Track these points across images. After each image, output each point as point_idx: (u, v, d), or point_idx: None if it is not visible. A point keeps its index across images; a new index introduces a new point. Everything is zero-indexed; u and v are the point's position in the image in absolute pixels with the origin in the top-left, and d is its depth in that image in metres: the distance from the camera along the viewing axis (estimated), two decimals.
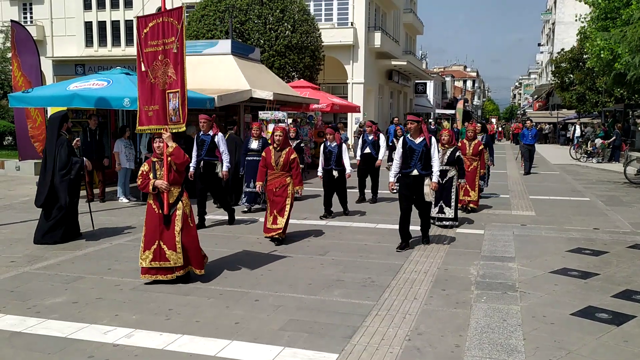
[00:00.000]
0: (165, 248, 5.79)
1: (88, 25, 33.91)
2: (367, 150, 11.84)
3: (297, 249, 7.60)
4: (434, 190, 7.37)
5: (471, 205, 10.43)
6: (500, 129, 50.70)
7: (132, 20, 33.11)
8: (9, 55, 26.55)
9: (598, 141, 24.43)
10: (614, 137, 23.56)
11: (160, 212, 5.80)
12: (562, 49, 38.92)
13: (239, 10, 22.45)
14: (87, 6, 33.69)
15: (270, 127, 14.54)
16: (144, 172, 5.90)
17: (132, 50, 32.76)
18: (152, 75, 5.94)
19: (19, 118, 12.13)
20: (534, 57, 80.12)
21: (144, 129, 6.14)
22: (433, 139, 7.36)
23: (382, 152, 11.79)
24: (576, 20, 21.88)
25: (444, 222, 8.93)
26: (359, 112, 24.94)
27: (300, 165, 9.17)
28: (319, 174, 9.92)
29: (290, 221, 8.26)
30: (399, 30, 39.53)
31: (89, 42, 34.00)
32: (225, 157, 9.05)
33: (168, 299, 5.43)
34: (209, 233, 8.49)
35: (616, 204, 11.93)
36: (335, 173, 9.81)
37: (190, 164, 8.85)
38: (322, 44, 25.29)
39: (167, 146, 5.80)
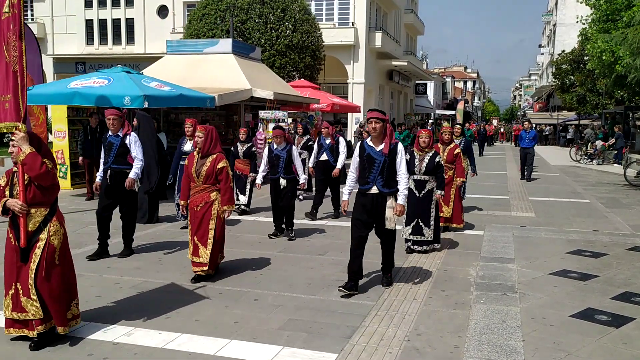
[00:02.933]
0: (21, 293, 4.23)
1: (89, 23, 33.89)
2: (324, 157, 9.99)
3: (296, 248, 7.60)
4: (397, 216, 5.60)
5: (448, 224, 8.57)
6: (502, 130, 50.65)
7: (133, 19, 33.13)
8: None
9: (598, 143, 24.44)
10: (614, 139, 23.54)
11: (17, 243, 4.22)
12: (563, 51, 38.93)
13: (240, 9, 22.45)
14: (88, 4, 33.67)
15: (271, 126, 14.55)
16: (0, 188, 4.36)
17: (133, 49, 32.80)
18: (6, 52, 4.25)
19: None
20: (535, 59, 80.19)
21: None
22: (400, 145, 5.61)
23: (342, 160, 9.87)
24: (577, 21, 21.92)
25: (422, 247, 7.25)
26: (359, 112, 24.95)
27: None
28: (258, 181, 8.41)
29: (296, 220, 8.09)
30: (400, 31, 39.53)
31: (89, 40, 33.98)
32: (137, 164, 7.07)
33: (167, 298, 5.43)
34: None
35: (616, 206, 11.94)
36: (282, 182, 8.08)
37: (98, 173, 7.25)
38: (323, 43, 25.30)
39: (21, 151, 4.20)
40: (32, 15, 35.01)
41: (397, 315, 5.05)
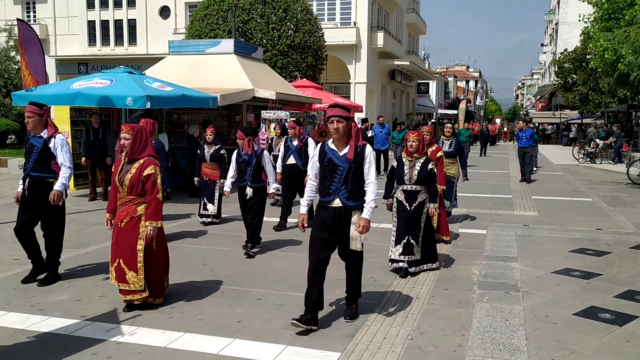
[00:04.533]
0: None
1: (91, 24, 33.94)
2: (291, 160, 9.00)
3: (298, 248, 7.59)
4: (362, 234, 4.66)
5: (438, 235, 7.52)
6: (505, 129, 50.51)
7: (135, 20, 33.17)
8: (12, 54, 26.72)
9: (599, 142, 24.38)
10: (614, 138, 23.49)
11: None
12: (565, 50, 38.87)
13: (242, 9, 22.46)
14: (90, 5, 33.72)
15: (273, 126, 14.56)
16: None
17: (135, 49, 32.85)
18: None
19: None
20: (537, 58, 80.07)
21: None
22: (368, 148, 4.68)
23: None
24: (579, 20, 21.86)
25: (413, 269, 6.25)
26: (362, 112, 24.94)
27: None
28: (226, 188, 7.47)
29: (290, 220, 7.84)
30: (402, 30, 39.50)
31: (92, 41, 34.03)
32: (65, 172, 5.82)
33: (170, 298, 5.43)
34: (211, 232, 8.50)
35: (619, 204, 11.91)
36: (249, 191, 7.10)
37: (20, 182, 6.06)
38: (325, 43, 25.28)
39: None
40: (34, 16, 35.09)
41: (400, 314, 5.05)
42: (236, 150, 7.33)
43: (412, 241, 6.21)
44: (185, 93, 11.05)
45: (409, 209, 6.21)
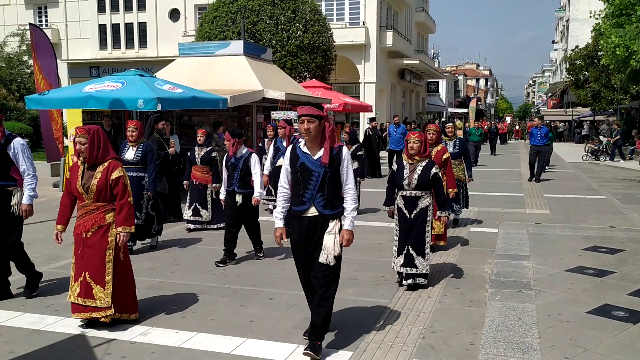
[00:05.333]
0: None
1: (102, 28, 34.21)
2: (281, 162, 8.50)
3: None
4: (338, 246, 4.13)
5: (437, 242, 7.23)
6: (517, 127, 50.16)
7: (145, 23, 33.39)
8: (25, 58, 27.00)
9: (604, 139, 24.15)
10: (618, 136, 23.26)
11: None
12: (577, 46, 38.53)
13: (251, 11, 22.52)
14: (101, 9, 33.99)
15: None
16: None
17: (146, 52, 33.07)
18: None
19: (44, 120, 12.38)
20: (548, 55, 79.51)
21: None
22: (345, 150, 4.23)
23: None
24: (590, 17, 21.68)
25: (416, 281, 5.76)
26: (371, 111, 24.93)
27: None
28: (221, 195, 7.02)
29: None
30: (411, 29, 39.41)
31: (103, 44, 34.30)
32: (29, 181, 5.38)
33: (183, 298, 5.47)
34: (221, 233, 8.52)
35: (632, 201, 11.80)
36: (239, 199, 6.73)
37: None
38: (334, 43, 25.28)
39: None
40: (46, 21, 35.43)
41: (412, 313, 5.05)
42: (226, 154, 6.99)
43: (412, 252, 5.65)
44: (196, 95, 11.10)
45: (408, 216, 5.68)
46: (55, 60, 12.18)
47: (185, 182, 8.93)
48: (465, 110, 53.38)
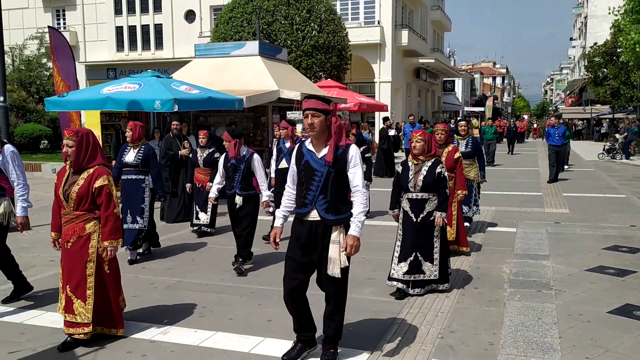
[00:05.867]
0: None
1: (119, 30, 34.58)
2: (284, 164, 7.91)
3: None
4: (344, 256, 3.81)
5: (455, 247, 6.90)
6: (535, 125, 49.60)
7: (161, 24, 33.66)
8: (44, 60, 27.40)
9: (619, 137, 23.80)
10: (625, 134, 22.87)
11: None
12: (595, 43, 38.05)
13: (266, 11, 22.60)
14: (117, 11, 34.36)
15: (299, 127, 14.62)
16: None
17: (162, 54, 33.35)
18: None
19: (64, 122, 12.56)
20: (566, 52, 78.56)
21: None
22: (353, 148, 3.85)
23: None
24: (609, 13, 21.42)
25: (417, 290, 5.43)
26: (387, 110, 24.87)
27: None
28: (212, 194, 6.68)
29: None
30: (427, 28, 39.22)
31: (120, 46, 34.66)
32: (20, 191, 5.19)
33: (201, 297, 5.51)
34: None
35: None
36: (238, 200, 6.36)
37: None
38: (349, 43, 25.27)
39: None
40: (64, 23, 35.89)
41: (430, 313, 5.02)
42: (224, 154, 6.62)
43: (420, 258, 5.37)
44: (212, 95, 11.18)
45: (415, 220, 5.38)
46: (73, 62, 12.33)
47: (188, 185, 8.71)
48: (481, 109, 53.00)
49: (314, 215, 3.83)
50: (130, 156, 6.89)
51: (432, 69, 38.56)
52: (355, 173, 3.80)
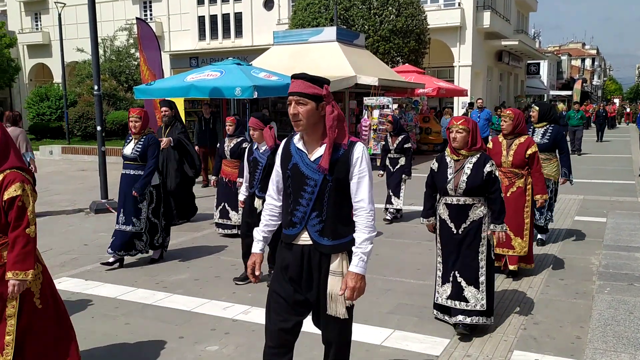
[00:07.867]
0: None
1: (201, 20, 35.68)
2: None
3: (404, 234, 7.57)
4: (350, 293, 2.75)
5: (522, 265, 5.60)
6: (627, 110, 46.40)
7: (241, 13, 34.41)
8: (132, 50, 28.84)
9: None
10: None
11: None
12: None
13: None
14: (200, 1, 35.46)
15: (376, 112, 14.54)
16: None
17: (242, 42, 34.11)
18: None
19: (149, 109, 13.17)
20: None
21: None
22: (359, 147, 2.80)
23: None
24: None
25: (461, 318, 4.20)
26: (466, 95, 24.16)
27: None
28: (241, 197, 5.61)
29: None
30: (510, 8, 37.57)
31: (202, 35, 35.79)
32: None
33: None
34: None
35: None
36: (257, 204, 5.27)
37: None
38: (428, 26, 24.69)
39: None
40: (151, 15, 37.50)
41: (511, 304, 4.88)
42: (249, 145, 5.66)
43: (459, 280, 4.22)
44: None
45: (455, 232, 4.24)
46: (159, 52, 12.86)
47: (213, 177, 7.43)
48: (569, 92, 50.25)
49: (304, 238, 2.81)
50: (128, 148, 5.98)
51: (516, 51, 36.96)
52: (360, 183, 2.75)
